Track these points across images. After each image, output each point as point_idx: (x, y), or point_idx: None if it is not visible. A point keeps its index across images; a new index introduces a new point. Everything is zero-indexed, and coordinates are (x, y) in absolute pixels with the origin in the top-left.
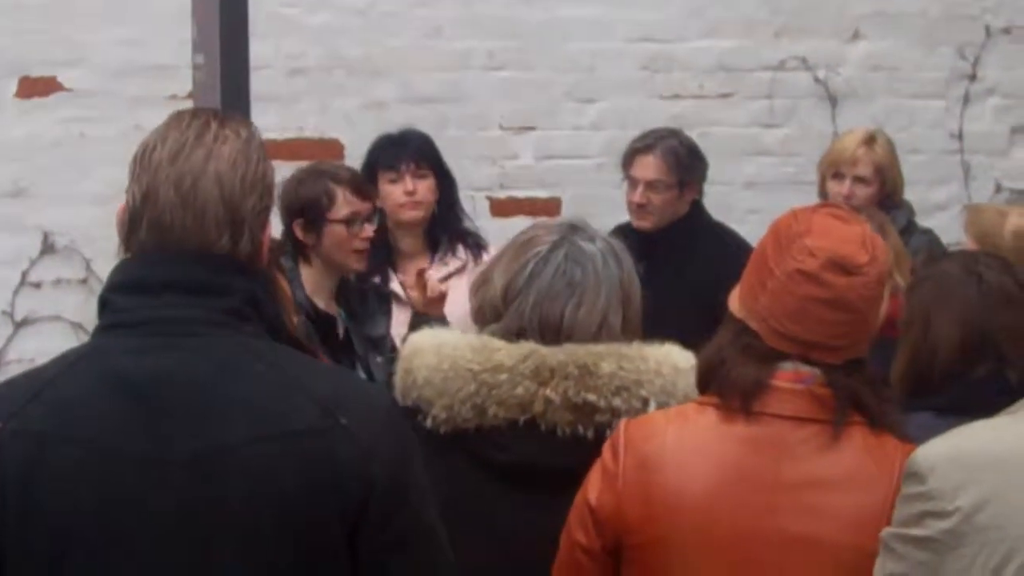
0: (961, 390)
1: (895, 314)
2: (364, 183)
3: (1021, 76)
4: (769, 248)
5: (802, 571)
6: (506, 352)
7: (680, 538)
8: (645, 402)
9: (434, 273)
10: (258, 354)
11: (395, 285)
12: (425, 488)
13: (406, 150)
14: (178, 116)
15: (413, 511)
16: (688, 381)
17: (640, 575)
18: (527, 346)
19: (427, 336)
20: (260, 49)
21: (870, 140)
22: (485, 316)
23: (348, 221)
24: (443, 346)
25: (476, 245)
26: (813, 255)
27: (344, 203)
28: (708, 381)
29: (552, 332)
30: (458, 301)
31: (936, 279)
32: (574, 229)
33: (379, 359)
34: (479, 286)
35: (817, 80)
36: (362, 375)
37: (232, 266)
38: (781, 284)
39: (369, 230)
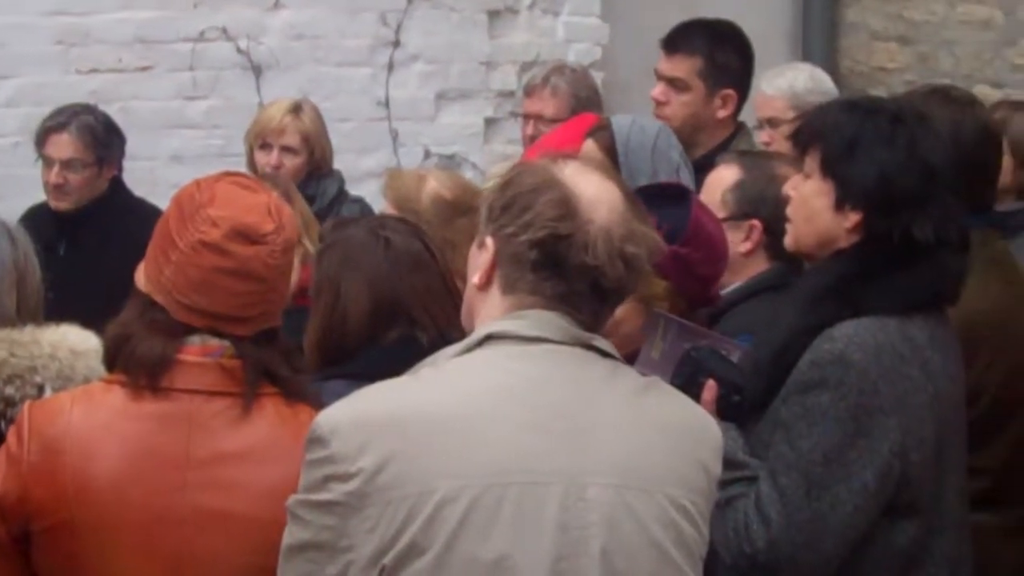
0: (374, 355)
1: (307, 282)
2: None
3: (443, 42)
4: (172, 220)
5: (215, 547)
6: None
7: (90, 520)
8: (40, 388)
9: None
10: None
11: None
12: None
13: None
14: None
15: None
16: (88, 363)
17: (50, 560)
18: None
19: None
20: None
21: (296, 109)
22: None
23: None
24: None
25: None
26: (216, 225)
27: None
28: (115, 358)
29: None
30: None
31: (343, 245)
32: None
33: None
34: None
35: (240, 50)
36: None
37: None
38: (185, 256)
39: None
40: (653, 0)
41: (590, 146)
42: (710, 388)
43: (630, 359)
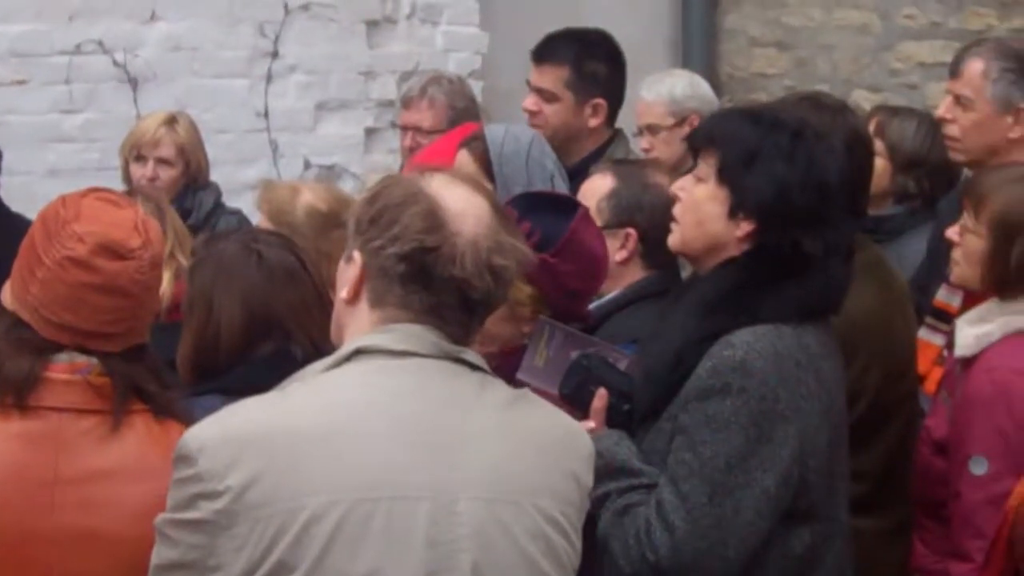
0: (248, 370)
1: (181, 297)
2: None
3: (321, 52)
4: (38, 236)
5: (84, 567)
6: None
7: None
8: None
9: None
10: None
11: None
12: None
13: None
14: None
15: None
16: None
17: None
18: None
19: None
20: None
21: (171, 121)
22: None
23: None
24: None
25: None
26: (82, 241)
27: None
28: None
29: None
30: None
31: (215, 259)
32: None
33: None
34: None
35: (116, 63)
36: None
37: None
38: (52, 272)
39: None
40: (533, 8)
41: (464, 157)
42: (600, 396)
43: (493, 359)
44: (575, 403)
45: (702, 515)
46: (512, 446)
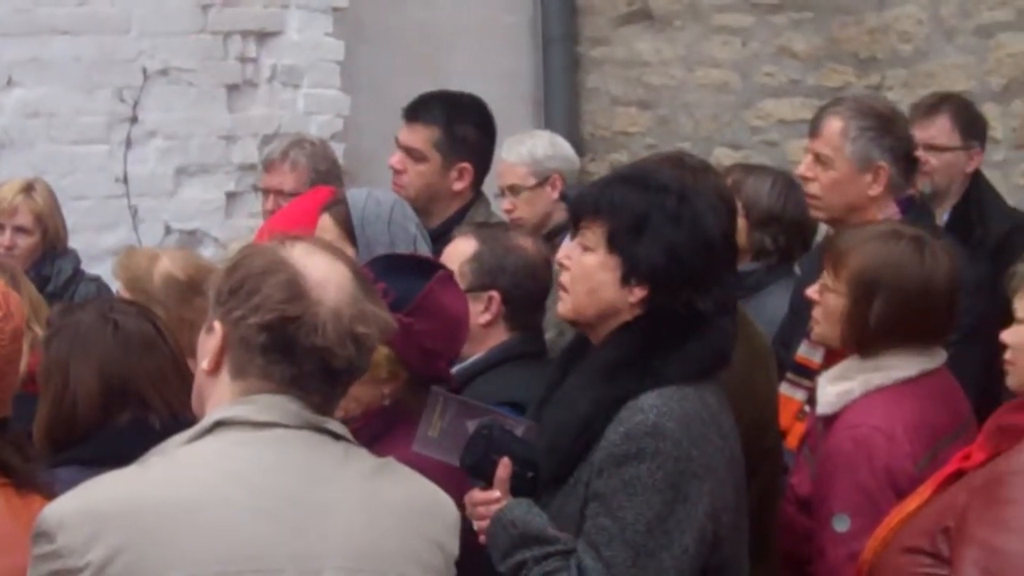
0: (105, 440)
1: (36, 368)
2: None
3: (180, 117)
4: None
5: None
6: None
7: None
8: None
9: None
10: None
11: None
12: None
13: None
14: None
15: None
16: None
17: None
18: None
19: None
20: None
21: (28, 188)
22: None
23: None
24: None
25: None
26: None
27: None
28: None
29: None
30: None
31: (71, 329)
32: None
33: None
34: None
35: None
36: None
37: None
38: None
39: None
40: (395, 71)
41: (326, 221)
42: (504, 465)
43: (355, 421)
44: (478, 473)
45: None
46: (376, 515)
